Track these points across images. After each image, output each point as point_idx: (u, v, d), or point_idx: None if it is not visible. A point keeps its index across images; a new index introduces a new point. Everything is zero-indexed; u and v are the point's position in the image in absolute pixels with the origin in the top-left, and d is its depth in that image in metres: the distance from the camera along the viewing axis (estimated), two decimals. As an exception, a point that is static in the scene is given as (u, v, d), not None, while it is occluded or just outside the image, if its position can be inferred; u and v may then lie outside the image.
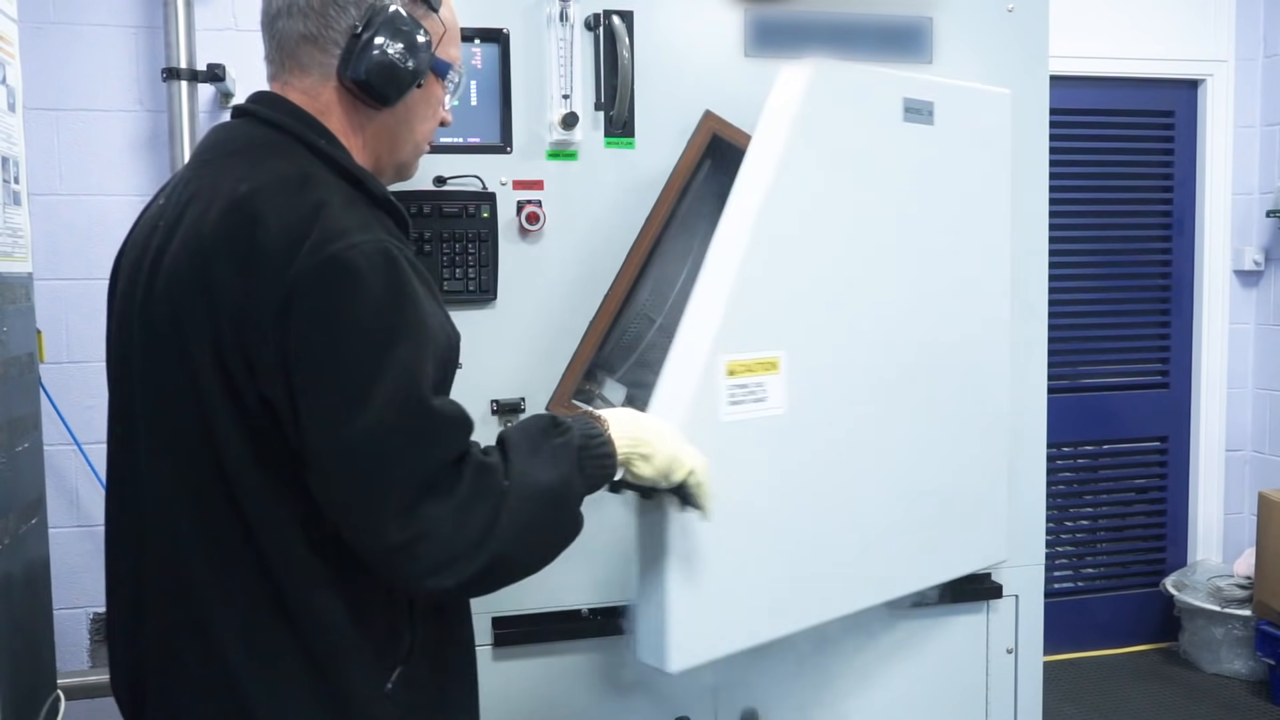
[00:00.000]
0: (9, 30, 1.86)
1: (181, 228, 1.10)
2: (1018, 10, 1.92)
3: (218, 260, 1.04)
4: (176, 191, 1.16)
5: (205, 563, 1.09)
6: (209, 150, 1.19)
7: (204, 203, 1.09)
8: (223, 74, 2.81)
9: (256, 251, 1.03)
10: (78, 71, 2.90)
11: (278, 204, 1.05)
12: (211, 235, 1.05)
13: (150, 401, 1.12)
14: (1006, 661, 2.02)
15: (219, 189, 1.09)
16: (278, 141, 1.14)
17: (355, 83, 1.15)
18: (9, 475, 1.76)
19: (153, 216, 1.18)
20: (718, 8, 1.80)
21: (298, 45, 1.17)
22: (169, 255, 1.10)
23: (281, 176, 1.09)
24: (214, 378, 1.05)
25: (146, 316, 1.12)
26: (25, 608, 1.82)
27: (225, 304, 1.03)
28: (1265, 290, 3.93)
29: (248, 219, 1.04)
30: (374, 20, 1.14)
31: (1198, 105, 3.88)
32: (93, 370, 2.95)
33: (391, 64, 1.15)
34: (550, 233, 1.74)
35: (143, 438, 1.14)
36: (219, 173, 1.12)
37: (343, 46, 1.15)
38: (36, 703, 1.86)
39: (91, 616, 3.00)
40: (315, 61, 1.17)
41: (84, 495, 2.96)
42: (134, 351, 1.14)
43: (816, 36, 1.83)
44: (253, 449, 1.06)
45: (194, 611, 1.10)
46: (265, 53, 1.21)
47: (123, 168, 2.94)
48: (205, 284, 1.05)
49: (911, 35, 1.87)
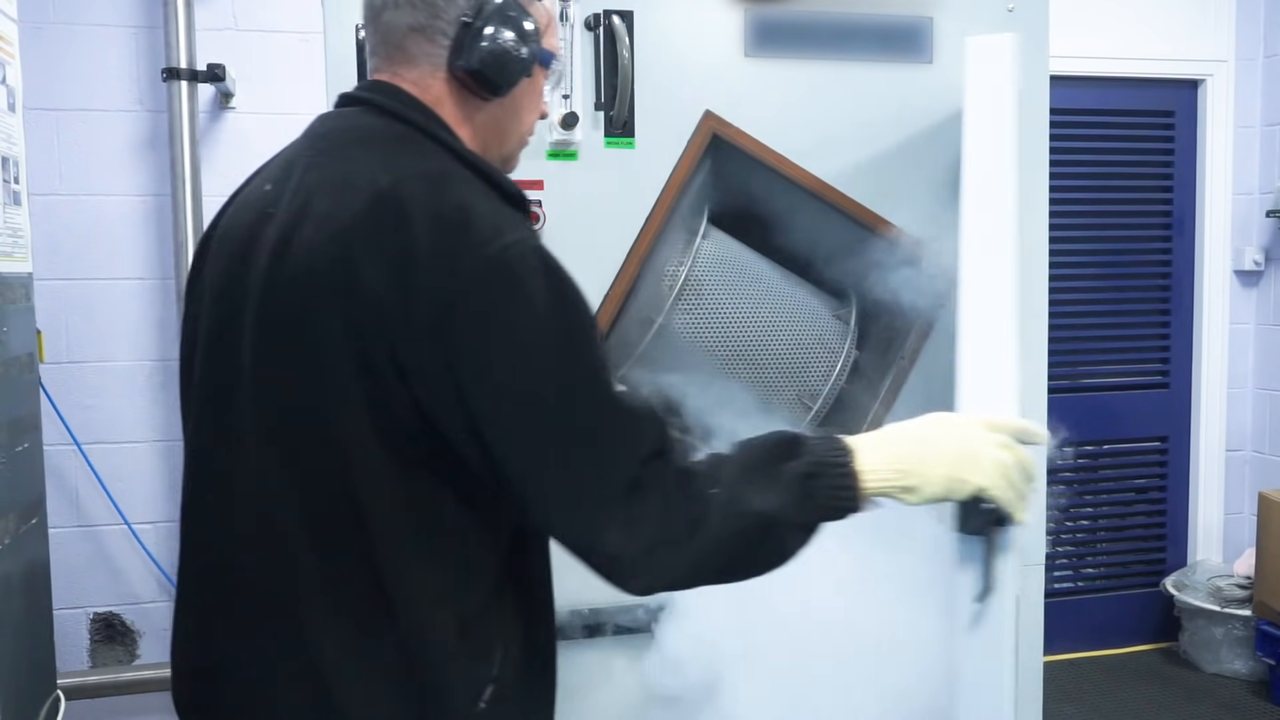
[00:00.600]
0: (9, 30, 1.86)
1: (309, 219, 1.05)
2: (1018, 10, 1.92)
3: (363, 259, 1.00)
4: (291, 179, 1.11)
5: (312, 562, 1.05)
6: (325, 138, 1.14)
7: (335, 194, 1.05)
8: (223, 74, 2.81)
9: (407, 252, 0.99)
10: (78, 71, 2.90)
11: (424, 201, 1.02)
12: (354, 231, 1.02)
13: (264, 396, 1.07)
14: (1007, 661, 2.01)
15: (352, 181, 1.05)
16: (405, 134, 1.11)
17: (468, 73, 1.12)
18: (9, 475, 1.76)
19: (258, 202, 1.13)
20: (718, 8, 1.80)
21: (405, 36, 1.14)
22: (296, 246, 1.05)
23: (422, 172, 1.05)
24: (350, 378, 1.01)
25: (266, 308, 1.07)
26: (25, 608, 1.82)
27: (372, 305, 0.99)
28: (1265, 290, 3.93)
29: (395, 216, 1.01)
30: (485, 8, 1.12)
31: (1198, 105, 3.88)
32: (92, 370, 2.95)
33: (505, 52, 1.12)
34: (550, 232, 1.74)
35: (246, 429, 1.08)
36: (346, 163, 1.08)
37: (451, 36, 1.12)
38: (36, 703, 1.86)
39: (91, 616, 3.00)
40: (423, 52, 1.14)
41: (84, 495, 2.96)
42: (241, 341, 1.08)
43: (816, 36, 1.83)
44: (387, 452, 1.03)
45: (291, 609, 1.06)
46: (369, 47, 1.18)
47: (123, 168, 2.94)
48: (347, 282, 1.00)
49: (911, 35, 1.87)
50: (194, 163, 2.87)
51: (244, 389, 1.08)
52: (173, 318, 2.93)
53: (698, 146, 1.76)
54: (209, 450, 1.14)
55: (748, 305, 1.85)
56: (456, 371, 0.99)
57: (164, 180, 2.93)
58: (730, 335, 1.82)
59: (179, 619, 1.21)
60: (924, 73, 1.87)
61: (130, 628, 3.03)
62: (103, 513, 2.96)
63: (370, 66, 1.19)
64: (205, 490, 1.16)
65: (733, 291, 1.84)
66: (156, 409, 2.99)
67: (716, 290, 1.83)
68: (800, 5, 1.83)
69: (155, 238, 2.96)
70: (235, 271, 1.12)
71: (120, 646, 3.03)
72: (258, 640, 1.09)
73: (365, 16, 1.18)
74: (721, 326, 1.82)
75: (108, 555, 2.98)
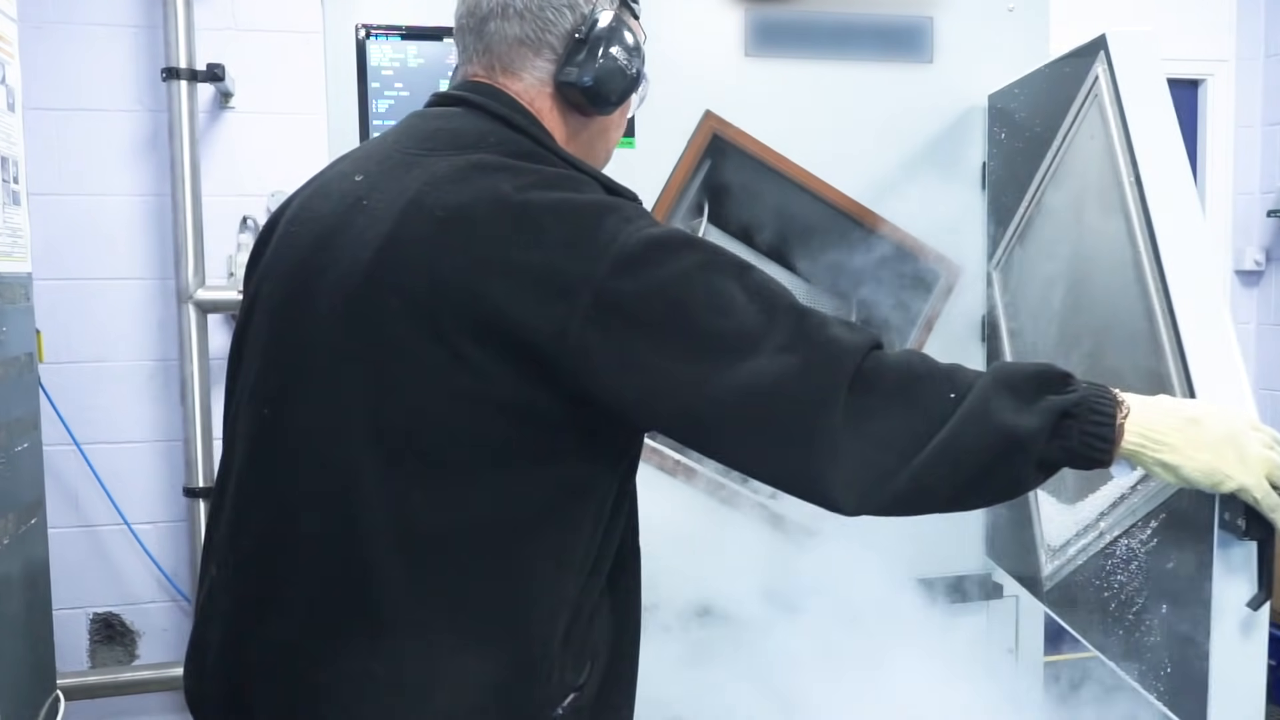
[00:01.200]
0: (9, 30, 1.86)
1: (425, 219, 1.01)
2: (1018, 10, 1.92)
3: (499, 266, 0.97)
4: (391, 174, 1.08)
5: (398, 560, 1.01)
6: (432, 138, 1.10)
7: (454, 195, 1.02)
8: (222, 74, 2.81)
9: (552, 260, 0.97)
10: (78, 71, 2.90)
11: (555, 205, 1.00)
12: (486, 238, 0.99)
13: (354, 388, 1.02)
14: (1006, 661, 2.01)
15: (475, 185, 1.02)
16: (519, 141, 1.09)
17: (579, 89, 1.12)
18: (8, 475, 1.76)
19: (348, 191, 1.10)
20: (718, 8, 1.80)
21: (511, 48, 1.13)
22: (400, 242, 1.01)
23: (547, 178, 1.04)
24: (478, 380, 0.98)
25: (370, 302, 1.02)
26: (25, 608, 1.82)
27: (516, 314, 0.97)
28: (1266, 290, 3.92)
29: (534, 225, 0.99)
30: (596, 25, 1.12)
31: (1198, 105, 3.88)
32: (92, 370, 2.95)
33: (619, 70, 1.13)
34: (550, 233, 1.73)
35: (315, 421, 1.04)
36: (464, 168, 1.05)
37: (560, 52, 1.13)
38: (36, 703, 1.86)
39: (91, 616, 3.00)
40: (529, 65, 1.13)
41: (83, 495, 2.96)
42: (331, 332, 1.04)
43: (817, 36, 1.83)
44: (511, 453, 1.01)
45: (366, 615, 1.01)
46: (464, 54, 1.17)
47: (123, 168, 2.94)
48: (484, 291, 0.97)
49: (911, 35, 1.87)
50: (194, 162, 2.87)
51: (308, 381, 1.05)
52: (173, 317, 2.93)
53: (698, 146, 1.76)
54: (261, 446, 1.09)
55: (748, 305, 1.84)
56: (635, 360, 0.96)
57: (164, 180, 2.92)
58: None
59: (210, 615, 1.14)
60: (924, 73, 1.87)
61: (130, 628, 3.03)
62: (102, 513, 2.96)
63: (464, 72, 1.18)
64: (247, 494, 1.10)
65: (733, 291, 1.83)
66: (156, 409, 2.99)
67: (716, 290, 1.82)
68: (800, 5, 1.83)
69: (155, 238, 2.96)
70: (312, 259, 1.08)
71: (120, 647, 3.03)
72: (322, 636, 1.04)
73: (464, 23, 1.16)
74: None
75: (107, 555, 2.98)
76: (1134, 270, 1.35)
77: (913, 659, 1.95)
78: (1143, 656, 1.32)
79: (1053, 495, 1.59)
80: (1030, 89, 1.71)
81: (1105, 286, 1.45)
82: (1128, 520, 1.36)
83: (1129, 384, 1.32)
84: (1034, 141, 1.67)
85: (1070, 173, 1.56)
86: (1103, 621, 1.43)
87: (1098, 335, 1.47)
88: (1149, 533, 1.31)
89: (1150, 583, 1.31)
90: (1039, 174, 1.65)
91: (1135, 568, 1.35)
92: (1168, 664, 1.27)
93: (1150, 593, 1.31)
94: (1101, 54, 1.43)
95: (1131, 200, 1.36)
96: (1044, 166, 1.63)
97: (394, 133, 1.16)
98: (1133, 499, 1.35)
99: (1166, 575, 1.26)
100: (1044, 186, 1.65)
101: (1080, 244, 1.53)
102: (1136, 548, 1.34)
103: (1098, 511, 1.44)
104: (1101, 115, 1.44)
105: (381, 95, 1.76)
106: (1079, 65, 1.51)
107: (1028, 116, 1.71)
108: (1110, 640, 1.41)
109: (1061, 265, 1.59)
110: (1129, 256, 1.36)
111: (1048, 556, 1.63)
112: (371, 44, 1.75)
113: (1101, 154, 1.45)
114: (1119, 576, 1.39)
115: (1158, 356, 1.30)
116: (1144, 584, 1.32)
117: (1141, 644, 1.33)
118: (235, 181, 2.98)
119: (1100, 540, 1.43)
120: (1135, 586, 1.35)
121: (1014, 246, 1.79)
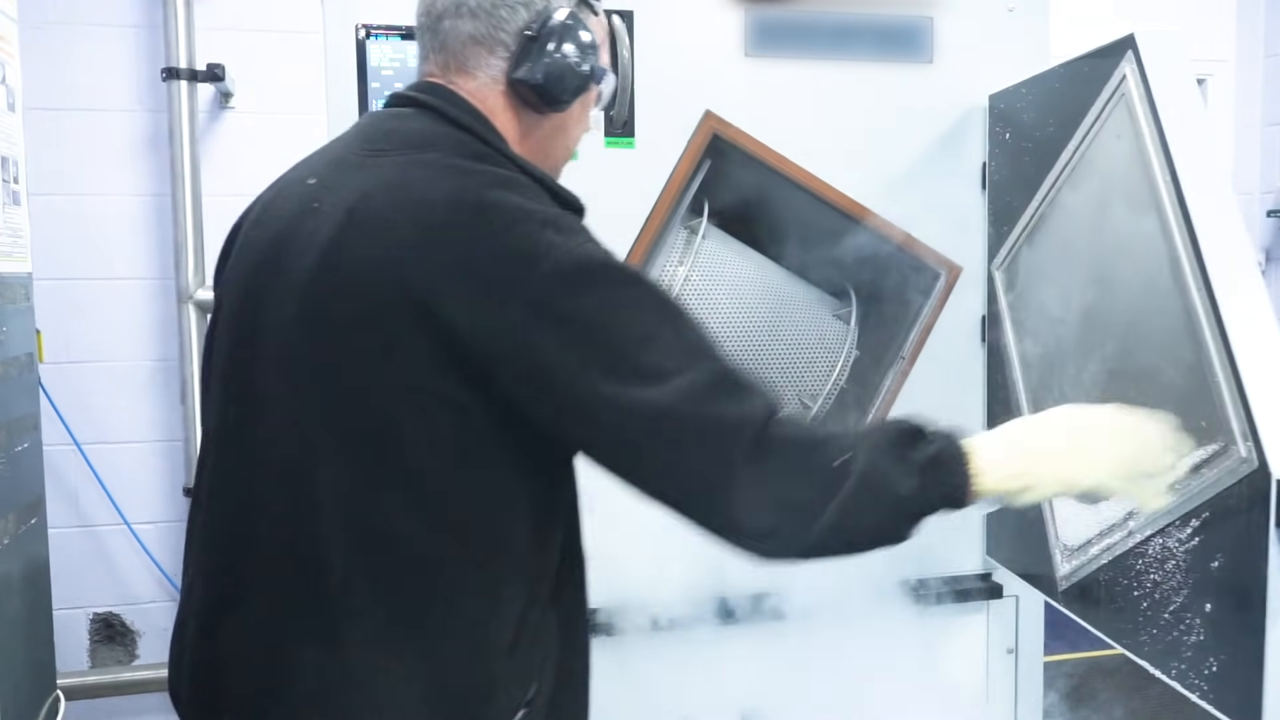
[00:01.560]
0: (9, 30, 1.86)
1: (372, 219, 1.03)
2: (1018, 10, 1.92)
3: (444, 265, 0.99)
4: (342, 175, 1.09)
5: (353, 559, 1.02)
6: (384, 139, 1.11)
7: (401, 195, 1.03)
8: (222, 74, 2.81)
9: (494, 261, 0.99)
10: (78, 71, 2.90)
11: (500, 207, 1.01)
12: (434, 237, 1.00)
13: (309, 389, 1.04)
14: (1006, 661, 2.02)
15: (420, 187, 1.04)
16: (465, 141, 1.10)
17: (530, 86, 1.13)
18: (8, 475, 1.76)
19: (303, 195, 1.11)
20: (718, 8, 1.80)
21: (464, 46, 1.14)
22: (356, 245, 1.03)
23: (491, 180, 1.05)
24: (423, 377, 0.99)
25: (319, 303, 1.04)
26: (25, 608, 1.82)
27: (456, 312, 0.98)
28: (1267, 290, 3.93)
29: (479, 224, 1.00)
30: (548, 23, 1.13)
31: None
32: (92, 370, 2.95)
33: (570, 68, 1.13)
34: (550, 233, 1.73)
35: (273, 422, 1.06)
36: (411, 168, 1.06)
37: (513, 49, 1.13)
38: (36, 703, 1.86)
39: (91, 616, 3.00)
40: (482, 63, 1.14)
41: (83, 495, 2.96)
42: (284, 333, 1.06)
43: (817, 36, 1.83)
44: (457, 452, 1.02)
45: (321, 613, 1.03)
46: (421, 51, 1.18)
47: (123, 168, 2.94)
48: (428, 288, 0.99)
49: (911, 35, 1.87)
50: (194, 162, 2.87)
51: (271, 381, 1.06)
52: (173, 317, 2.93)
53: (698, 146, 1.76)
54: (227, 446, 1.11)
55: (748, 305, 1.84)
56: (555, 371, 0.98)
57: (164, 180, 2.93)
58: (730, 335, 1.82)
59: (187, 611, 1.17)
60: (924, 73, 1.87)
61: (130, 628, 3.03)
62: (102, 513, 2.96)
63: (422, 70, 1.19)
64: (218, 493, 1.12)
65: (733, 291, 1.84)
66: (156, 409, 2.99)
67: (716, 290, 1.83)
68: (800, 5, 1.83)
69: (155, 238, 2.96)
70: (266, 263, 1.10)
71: (120, 646, 3.03)
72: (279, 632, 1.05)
73: (421, 21, 1.17)
74: (721, 326, 1.82)
75: (108, 555, 2.98)
76: (1170, 267, 1.35)
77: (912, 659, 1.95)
78: (1181, 654, 1.33)
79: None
80: (1041, 89, 1.71)
81: (1135, 284, 1.45)
82: (1162, 520, 1.36)
83: (1165, 379, 1.34)
84: (1046, 141, 1.67)
85: (1091, 171, 1.56)
86: (1132, 620, 1.44)
87: (1126, 332, 1.47)
88: (1189, 532, 1.32)
89: (1191, 582, 1.32)
90: (1053, 173, 1.65)
91: (1172, 567, 1.35)
92: (1213, 662, 1.27)
93: (1191, 591, 1.31)
94: (1129, 54, 1.43)
95: (1167, 198, 1.36)
96: (1059, 166, 1.63)
97: (349, 134, 1.18)
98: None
99: (1212, 574, 1.27)
100: (1058, 186, 1.65)
101: (1104, 242, 1.53)
102: (1174, 547, 1.35)
103: (1125, 512, 1.45)
104: (1130, 114, 1.44)
105: (381, 95, 1.76)
106: (1101, 65, 1.51)
107: (1038, 116, 1.71)
108: (1141, 639, 1.41)
109: (1080, 264, 1.59)
110: (1163, 254, 1.37)
111: (1064, 556, 1.63)
112: (371, 44, 1.75)
113: (1129, 153, 1.45)
114: (1152, 575, 1.40)
115: (1198, 352, 1.30)
116: (1182, 583, 1.33)
117: (1180, 642, 1.33)
118: (235, 181, 2.98)
119: (1129, 540, 1.44)
120: (1172, 586, 1.35)
121: (1021, 246, 1.79)
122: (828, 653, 1.85)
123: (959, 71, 1.88)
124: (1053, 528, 1.67)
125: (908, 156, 1.88)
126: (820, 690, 1.88)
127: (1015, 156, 1.79)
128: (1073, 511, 1.60)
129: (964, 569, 1.98)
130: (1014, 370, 1.81)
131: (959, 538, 1.96)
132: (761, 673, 1.83)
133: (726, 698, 1.83)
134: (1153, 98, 1.39)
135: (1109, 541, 1.50)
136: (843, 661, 1.87)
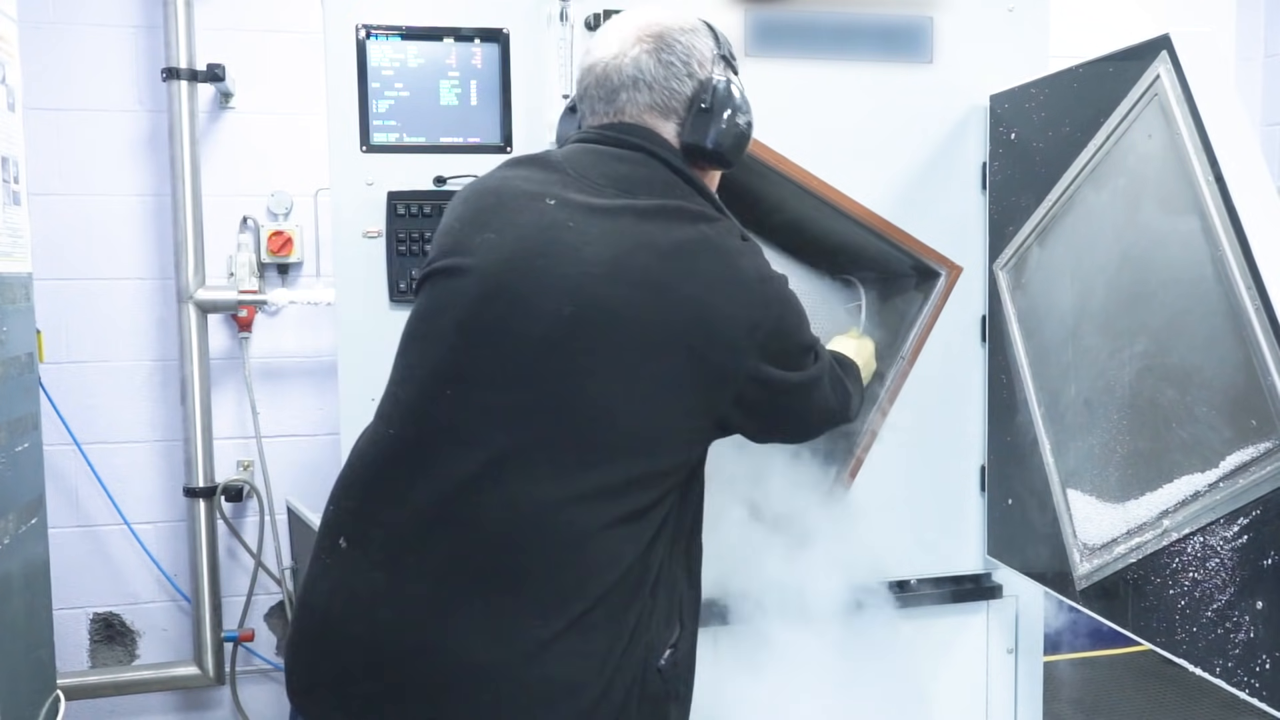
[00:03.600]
0: (9, 30, 1.86)
1: (638, 245, 1.20)
2: (1018, 10, 1.92)
3: (701, 297, 1.19)
4: (583, 201, 1.23)
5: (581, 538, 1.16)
6: (620, 181, 1.26)
7: (663, 231, 1.21)
8: (222, 74, 2.81)
9: (745, 292, 1.23)
10: (78, 71, 2.90)
11: (733, 247, 1.25)
12: (697, 272, 1.20)
13: (548, 379, 1.17)
14: (1006, 661, 2.02)
15: (680, 225, 1.23)
16: (692, 192, 1.29)
17: (706, 150, 1.29)
18: (9, 475, 1.76)
19: (543, 212, 1.23)
20: (718, 8, 1.80)
21: (642, 112, 1.30)
22: (627, 266, 1.18)
23: (724, 225, 1.28)
24: (667, 387, 1.18)
25: (585, 306, 1.17)
26: (24, 608, 1.82)
27: (724, 335, 1.20)
28: None
29: (730, 276, 1.22)
30: (717, 93, 1.30)
31: (1198, 105, 3.88)
32: (92, 370, 2.95)
33: (743, 132, 1.32)
34: (550, 233, 1.73)
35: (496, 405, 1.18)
36: (668, 217, 1.23)
37: (682, 116, 1.30)
38: (36, 703, 1.86)
39: (90, 616, 3.01)
40: (660, 125, 1.30)
41: (83, 495, 2.96)
42: (529, 327, 1.18)
43: (816, 36, 1.83)
44: (689, 443, 1.24)
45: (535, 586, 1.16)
46: (593, 112, 1.33)
47: (123, 168, 2.94)
48: (689, 311, 1.18)
49: (911, 35, 1.87)
50: (194, 162, 2.87)
51: (511, 371, 1.18)
52: (173, 317, 2.93)
53: (698, 146, 1.76)
54: (437, 424, 1.19)
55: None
56: (773, 378, 1.26)
57: (164, 180, 2.93)
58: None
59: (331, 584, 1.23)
60: (924, 73, 1.87)
61: (130, 628, 3.03)
62: (102, 513, 2.97)
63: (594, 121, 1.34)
64: (413, 468, 1.19)
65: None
66: (156, 409, 2.99)
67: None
68: (800, 5, 1.83)
69: (155, 238, 2.96)
70: (518, 263, 1.20)
71: (120, 646, 3.03)
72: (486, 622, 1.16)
73: (594, 91, 1.32)
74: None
75: (107, 555, 2.98)
76: (1213, 266, 1.35)
77: (912, 659, 1.95)
78: (1227, 652, 1.33)
79: (1091, 494, 1.60)
80: (1057, 89, 1.70)
81: (1170, 282, 1.44)
82: (1204, 518, 1.37)
83: (1205, 378, 1.36)
84: (1061, 141, 1.66)
85: (1117, 171, 1.55)
86: (1167, 619, 1.44)
87: (1159, 332, 1.46)
88: (1235, 530, 1.32)
89: (1239, 579, 1.32)
90: (1070, 172, 1.65)
91: (1215, 565, 1.36)
92: (1265, 659, 1.28)
93: (1239, 589, 1.32)
94: (1164, 54, 1.44)
95: (1210, 198, 1.36)
96: (1077, 165, 1.63)
97: (566, 162, 1.30)
98: (1211, 497, 1.36)
99: (1264, 571, 1.27)
100: (1076, 185, 1.64)
101: (1133, 241, 1.52)
102: (1218, 545, 1.36)
103: (1158, 510, 1.46)
104: (1165, 114, 1.44)
105: (381, 95, 1.76)
106: (1129, 66, 1.51)
107: (1051, 116, 1.70)
108: (1179, 637, 1.42)
109: (1103, 262, 1.58)
110: (1205, 253, 1.37)
111: (1083, 555, 1.63)
112: (371, 44, 1.75)
113: (1163, 153, 1.45)
114: (1191, 574, 1.40)
115: (1247, 351, 1.31)
116: (1229, 580, 1.34)
117: (1226, 640, 1.34)
118: (235, 181, 2.98)
119: (1164, 538, 1.45)
120: (1216, 584, 1.36)
121: (1030, 246, 1.79)
122: (828, 653, 1.85)
123: (959, 71, 1.88)
124: (1070, 527, 1.66)
125: (908, 156, 1.88)
126: (820, 690, 1.88)
127: (1024, 156, 1.79)
128: (1094, 511, 1.60)
129: (964, 569, 1.98)
130: (1021, 368, 1.81)
131: (959, 537, 1.96)
132: (761, 673, 1.83)
133: (726, 698, 1.83)
134: (1192, 98, 1.39)
135: (1138, 540, 1.50)
136: (843, 662, 1.88)
